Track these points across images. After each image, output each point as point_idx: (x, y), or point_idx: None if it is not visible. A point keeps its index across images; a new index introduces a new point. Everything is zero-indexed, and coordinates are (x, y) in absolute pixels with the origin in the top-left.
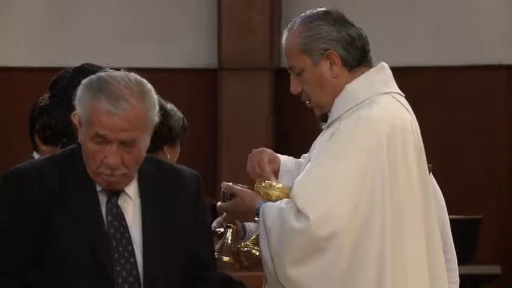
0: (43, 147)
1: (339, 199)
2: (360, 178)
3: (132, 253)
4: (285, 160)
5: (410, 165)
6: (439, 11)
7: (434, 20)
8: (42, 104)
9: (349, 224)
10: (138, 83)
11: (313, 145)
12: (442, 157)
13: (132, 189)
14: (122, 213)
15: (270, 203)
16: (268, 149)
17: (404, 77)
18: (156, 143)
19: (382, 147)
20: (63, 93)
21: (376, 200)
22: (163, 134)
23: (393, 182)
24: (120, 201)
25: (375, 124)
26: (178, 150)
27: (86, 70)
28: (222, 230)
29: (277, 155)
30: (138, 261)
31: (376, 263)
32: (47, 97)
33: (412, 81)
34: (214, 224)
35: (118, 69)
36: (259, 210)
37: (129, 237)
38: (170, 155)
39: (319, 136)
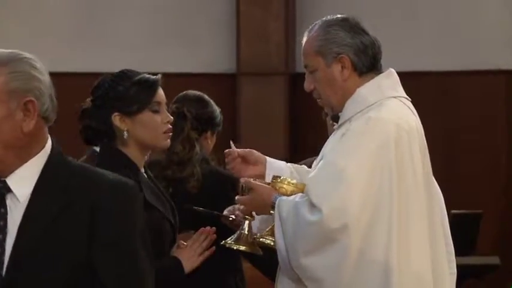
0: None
1: (349, 194)
2: (369, 174)
3: None
4: (273, 161)
5: (415, 164)
6: (441, 18)
7: (436, 26)
8: (85, 107)
9: (359, 217)
10: (7, 53)
11: (325, 144)
12: (445, 157)
13: (22, 189)
14: (4, 212)
15: (285, 197)
16: (244, 150)
17: (408, 81)
18: (201, 127)
19: (390, 147)
20: (103, 96)
21: (384, 194)
22: (207, 119)
23: (400, 178)
24: (8, 201)
25: (383, 125)
26: (214, 140)
27: (125, 75)
28: (233, 217)
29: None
30: (3, 267)
31: (384, 252)
32: (89, 100)
33: (415, 85)
34: (225, 212)
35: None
36: (274, 203)
37: (3, 239)
38: (210, 142)
39: (331, 136)
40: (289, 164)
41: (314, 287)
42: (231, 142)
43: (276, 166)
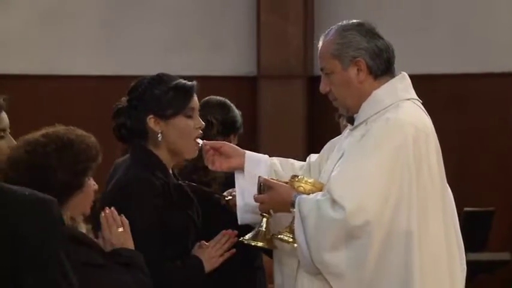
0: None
1: (371, 192)
2: (389, 173)
3: None
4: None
5: (431, 162)
6: (456, 22)
7: (451, 30)
8: (120, 106)
9: (380, 213)
10: None
11: (338, 145)
12: (459, 157)
13: None
14: None
15: (304, 195)
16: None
17: (423, 84)
18: (226, 131)
19: (408, 146)
20: (140, 98)
21: (404, 192)
22: (231, 124)
23: (418, 177)
24: None
25: (401, 126)
26: (236, 143)
27: (162, 79)
28: (230, 197)
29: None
30: None
31: (404, 249)
32: (125, 100)
33: (430, 88)
34: (225, 193)
35: None
36: (294, 201)
37: None
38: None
39: (344, 137)
40: (273, 157)
41: (336, 282)
42: (199, 140)
43: (254, 159)
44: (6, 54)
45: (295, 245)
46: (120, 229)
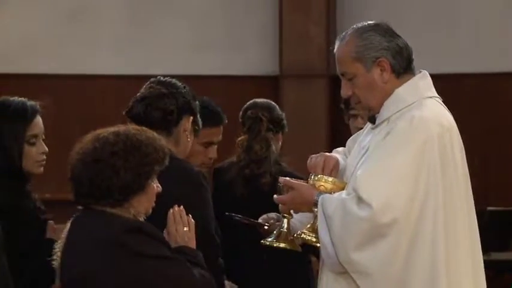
0: None
1: (398, 189)
2: (416, 170)
3: None
4: (340, 161)
5: (456, 160)
6: (480, 21)
7: (475, 30)
8: None
9: (408, 211)
10: None
11: (358, 142)
12: (483, 156)
13: None
14: None
15: (328, 195)
16: (336, 157)
17: (446, 82)
18: (274, 129)
19: (433, 144)
20: None
21: (430, 189)
22: (278, 122)
23: (443, 173)
24: None
25: (427, 123)
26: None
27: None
28: (268, 225)
29: (336, 156)
30: None
31: (431, 246)
32: None
33: (453, 86)
34: (260, 220)
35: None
36: (317, 201)
37: None
38: (279, 143)
39: (364, 134)
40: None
41: (362, 280)
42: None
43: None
44: (30, 53)
45: (318, 244)
46: (186, 228)
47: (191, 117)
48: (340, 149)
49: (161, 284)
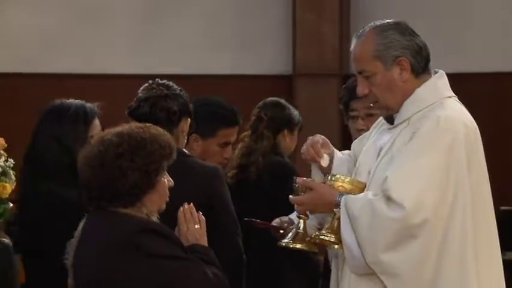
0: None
1: (428, 190)
2: (445, 171)
3: None
4: (338, 154)
5: (481, 159)
6: (495, 20)
7: (490, 29)
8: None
9: (438, 211)
10: None
11: (370, 142)
12: (495, 156)
13: None
14: None
15: (351, 195)
16: (322, 136)
17: (461, 82)
18: (276, 126)
19: (460, 144)
20: None
21: (458, 188)
22: (281, 120)
23: (470, 172)
24: None
25: (453, 124)
26: (295, 140)
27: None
28: (282, 231)
29: (331, 145)
30: None
31: (460, 244)
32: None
33: (468, 86)
34: (274, 223)
35: (205, 76)
36: (339, 202)
37: None
38: (289, 140)
39: (377, 133)
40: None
41: (391, 281)
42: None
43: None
44: (47, 53)
45: (336, 246)
46: (197, 226)
47: (189, 120)
48: (346, 152)
49: (174, 284)
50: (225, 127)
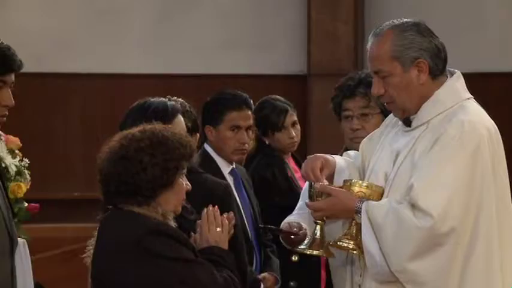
0: None
1: (455, 198)
2: (470, 178)
3: None
4: (339, 161)
5: (503, 161)
6: (507, 20)
7: (503, 28)
8: None
9: (464, 219)
10: None
11: (383, 144)
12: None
13: None
14: None
15: (372, 202)
16: (321, 155)
17: (475, 82)
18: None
19: (485, 148)
20: None
21: (484, 195)
22: (269, 122)
23: (495, 179)
24: None
25: (476, 129)
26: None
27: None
28: (293, 237)
29: (330, 158)
30: None
31: (486, 251)
32: None
33: (482, 86)
34: (282, 226)
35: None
36: (360, 208)
37: None
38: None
39: (391, 134)
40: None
41: None
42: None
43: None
44: (61, 53)
45: (355, 251)
46: (218, 229)
47: (197, 135)
48: (352, 152)
49: (180, 286)
50: (230, 110)
